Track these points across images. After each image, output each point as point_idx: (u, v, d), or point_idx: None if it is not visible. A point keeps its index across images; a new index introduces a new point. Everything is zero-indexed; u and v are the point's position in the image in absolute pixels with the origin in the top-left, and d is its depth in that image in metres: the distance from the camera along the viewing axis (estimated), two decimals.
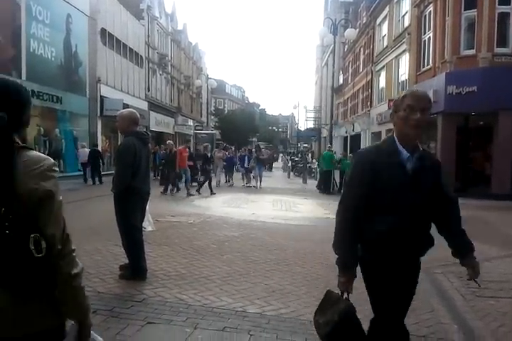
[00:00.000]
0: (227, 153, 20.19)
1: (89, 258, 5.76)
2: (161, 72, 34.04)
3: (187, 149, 15.67)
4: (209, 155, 16.26)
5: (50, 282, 1.49)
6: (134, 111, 5.09)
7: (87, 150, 18.24)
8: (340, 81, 41.05)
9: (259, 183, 18.17)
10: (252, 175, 18.77)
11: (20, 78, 16.20)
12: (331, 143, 20.09)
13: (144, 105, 28.06)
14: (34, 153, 1.52)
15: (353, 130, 32.93)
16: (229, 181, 19.44)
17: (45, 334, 1.51)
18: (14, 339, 1.45)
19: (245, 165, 18.69)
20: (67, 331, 1.60)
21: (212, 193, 14.71)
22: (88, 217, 9.11)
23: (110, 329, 3.53)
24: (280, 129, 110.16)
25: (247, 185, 18.54)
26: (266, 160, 24.53)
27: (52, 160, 1.55)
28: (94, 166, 17.69)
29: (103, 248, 6.36)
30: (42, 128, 17.84)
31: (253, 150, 20.40)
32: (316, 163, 24.19)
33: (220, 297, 4.40)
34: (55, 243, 1.49)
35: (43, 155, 1.54)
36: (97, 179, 17.57)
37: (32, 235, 1.43)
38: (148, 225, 6.62)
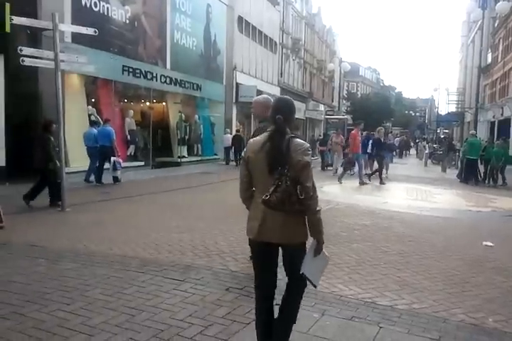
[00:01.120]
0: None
1: (223, 238, 6.08)
2: (293, 57, 34.21)
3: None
4: (382, 140, 15.31)
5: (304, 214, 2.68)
6: (269, 97, 5.16)
7: (230, 135, 20.29)
8: (489, 60, 37.35)
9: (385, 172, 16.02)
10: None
11: (165, 67, 17.49)
12: (475, 129, 18.39)
13: (276, 91, 28.52)
14: (298, 140, 2.69)
15: (502, 114, 29.87)
16: (350, 170, 17.47)
17: (302, 245, 2.79)
18: (292, 245, 2.75)
19: (368, 150, 16.68)
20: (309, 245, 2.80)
21: (381, 183, 13.91)
22: (225, 197, 9.59)
23: (241, 307, 3.69)
24: (418, 113, 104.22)
25: (369, 174, 15.68)
26: (392, 146, 22.97)
27: (308, 144, 2.72)
28: (236, 150, 19.55)
29: (236, 229, 6.63)
30: (183, 115, 19.11)
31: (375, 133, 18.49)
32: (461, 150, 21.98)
33: (348, 286, 4.34)
34: (309, 191, 2.60)
35: (302, 141, 2.70)
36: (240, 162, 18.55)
37: (298, 186, 2.57)
38: None
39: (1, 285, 4.06)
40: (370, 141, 15.49)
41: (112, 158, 11.51)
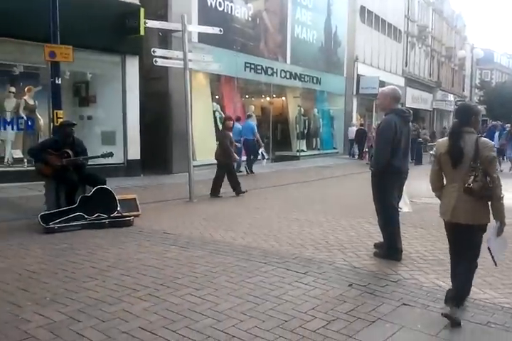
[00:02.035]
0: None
1: (344, 233, 5.97)
2: (420, 45, 32.40)
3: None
4: None
5: None
6: (396, 88, 4.95)
7: (355, 128, 20.04)
8: None
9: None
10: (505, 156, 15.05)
11: (285, 62, 17.63)
12: None
13: (400, 81, 27.28)
14: (484, 138, 3.37)
15: None
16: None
17: (484, 226, 3.38)
18: (477, 225, 3.36)
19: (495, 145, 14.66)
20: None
21: None
22: (345, 192, 9.44)
23: (366, 305, 3.58)
24: None
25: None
26: None
27: (492, 142, 3.43)
28: (359, 144, 19.55)
29: (357, 224, 6.49)
30: (302, 109, 19.14)
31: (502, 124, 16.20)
32: None
33: (482, 289, 4.00)
34: (495, 181, 3.23)
35: (487, 139, 3.41)
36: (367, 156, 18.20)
37: (487, 177, 3.24)
38: (404, 206, 6.44)
39: (140, 268, 4.41)
40: (496, 133, 13.90)
41: (260, 150, 12.90)
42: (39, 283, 3.99)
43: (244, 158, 13.16)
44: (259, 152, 13.10)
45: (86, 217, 6.17)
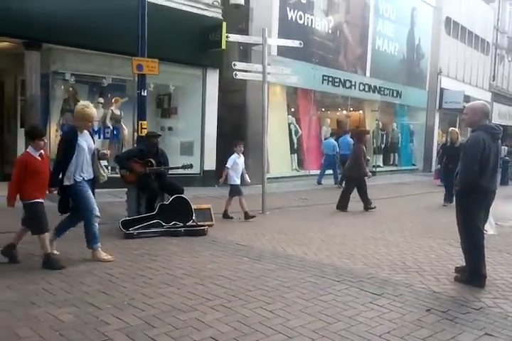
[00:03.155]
0: None
1: (423, 255, 5.70)
2: (510, 58, 30.62)
3: None
4: None
5: None
6: (486, 103, 4.69)
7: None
8: None
9: None
10: None
11: (365, 75, 17.35)
12: None
13: (486, 96, 25.87)
14: None
15: None
16: None
17: None
18: None
19: None
20: None
21: None
22: (423, 211, 9.06)
23: (445, 332, 3.39)
24: None
25: None
26: None
27: None
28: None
29: (437, 246, 6.18)
30: (380, 123, 18.69)
31: None
32: None
33: None
34: None
35: None
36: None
37: None
38: (489, 228, 6.06)
39: (213, 278, 4.47)
40: None
41: None
42: (118, 286, 4.16)
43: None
44: None
45: (163, 224, 6.38)
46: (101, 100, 11.27)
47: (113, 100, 11.37)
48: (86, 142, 4.99)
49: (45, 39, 9.32)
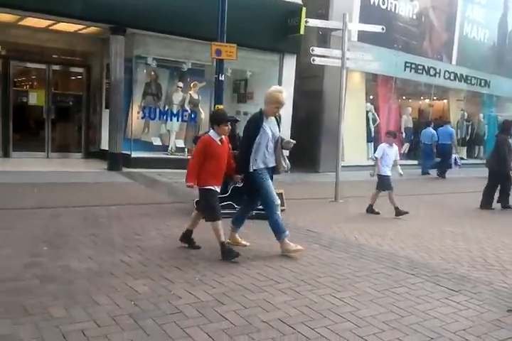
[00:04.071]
0: None
1: (506, 253, 5.37)
2: None
3: None
4: None
5: None
6: None
7: None
8: None
9: None
10: None
11: (450, 63, 16.46)
12: None
13: None
14: None
15: None
16: None
17: None
18: None
19: None
20: None
21: None
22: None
23: None
24: None
25: None
26: None
27: None
28: None
29: None
30: (466, 113, 17.72)
31: None
32: None
33: None
34: None
35: None
36: None
37: None
38: None
39: (282, 261, 4.46)
40: None
41: (453, 155, 13.55)
42: (191, 263, 4.27)
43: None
44: (453, 157, 13.59)
45: (235, 206, 6.45)
46: (180, 84, 11.58)
47: (192, 84, 11.65)
48: (270, 129, 4.71)
49: (129, 24, 9.70)
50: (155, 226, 5.57)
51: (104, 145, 11.03)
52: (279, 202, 4.76)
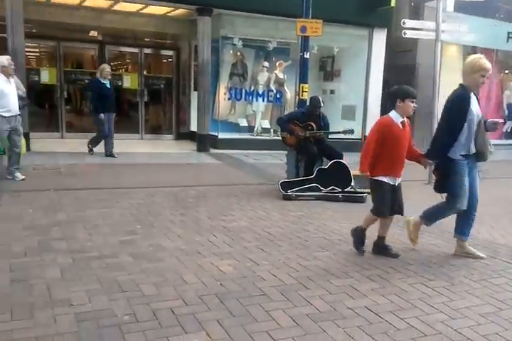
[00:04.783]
0: None
1: None
2: None
3: None
4: None
5: None
6: None
7: None
8: None
9: None
10: None
11: None
12: None
13: None
14: None
15: None
16: None
17: None
18: None
19: None
20: None
21: None
22: None
23: None
24: None
25: None
26: None
27: None
28: None
29: None
30: None
31: None
32: None
33: None
34: None
35: None
36: None
37: None
38: None
39: (370, 247, 4.27)
40: None
41: None
42: (275, 245, 4.26)
43: None
44: None
45: (321, 188, 6.35)
46: (266, 64, 11.52)
47: (277, 64, 11.53)
48: (474, 107, 3.96)
49: (216, 4, 9.75)
50: (240, 207, 5.64)
51: (194, 126, 11.33)
52: (464, 207, 3.98)
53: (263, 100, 11.64)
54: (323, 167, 6.60)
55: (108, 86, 8.75)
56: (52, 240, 4.09)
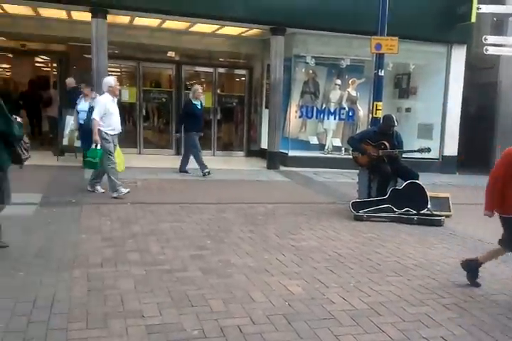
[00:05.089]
0: None
1: None
2: None
3: None
4: None
5: None
6: None
7: None
8: None
9: None
10: None
11: None
12: None
13: None
14: None
15: None
16: None
17: None
18: None
19: None
20: None
21: None
22: None
23: None
24: None
25: None
26: None
27: None
28: None
29: None
30: None
31: None
32: None
33: None
34: None
35: None
36: None
37: None
38: None
39: (446, 274, 4.07)
40: None
41: None
42: (345, 267, 4.14)
43: None
44: None
45: (395, 210, 6.12)
46: (338, 82, 11.44)
47: (350, 81, 11.42)
48: None
49: (289, 24, 9.87)
50: (309, 226, 5.56)
51: (264, 144, 11.41)
52: None
53: (334, 118, 11.54)
54: (397, 187, 6.38)
55: (199, 106, 8.96)
56: (127, 252, 4.24)
